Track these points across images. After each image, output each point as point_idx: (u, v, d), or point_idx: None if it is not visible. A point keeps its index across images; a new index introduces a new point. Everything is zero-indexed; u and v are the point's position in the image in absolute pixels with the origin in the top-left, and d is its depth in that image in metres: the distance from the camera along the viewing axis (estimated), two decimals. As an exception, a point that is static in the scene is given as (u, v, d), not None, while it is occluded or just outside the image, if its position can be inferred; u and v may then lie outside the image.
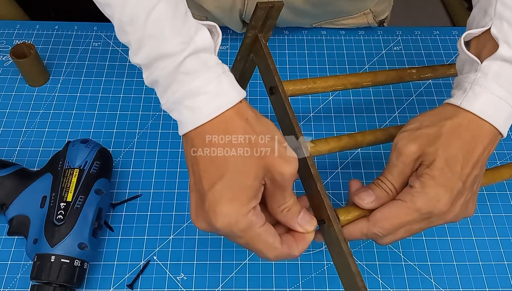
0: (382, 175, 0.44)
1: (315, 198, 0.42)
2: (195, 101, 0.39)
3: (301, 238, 0.41)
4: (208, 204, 0.38)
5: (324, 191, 0.42)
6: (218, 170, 0.38)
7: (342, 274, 0.42)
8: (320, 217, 0.42)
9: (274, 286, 0.52)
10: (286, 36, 0.74)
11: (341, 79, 0.51)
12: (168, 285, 0.52)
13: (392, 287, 0.52)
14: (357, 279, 0.39)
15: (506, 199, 0.59)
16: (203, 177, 0.38)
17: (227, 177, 0.37)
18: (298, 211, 0.41)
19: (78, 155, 0.53)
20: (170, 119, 0.64)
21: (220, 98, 0.39)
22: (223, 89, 0.39)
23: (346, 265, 0.40)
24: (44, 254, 0.48)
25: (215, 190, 0.37)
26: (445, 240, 0.56)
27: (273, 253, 0.40)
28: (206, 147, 0.38)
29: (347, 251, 0.40)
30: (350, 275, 0.40)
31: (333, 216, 0.41)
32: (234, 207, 0.37)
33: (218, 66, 0.40)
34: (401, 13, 1.70)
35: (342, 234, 0.41)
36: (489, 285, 0.53)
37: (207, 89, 0.39)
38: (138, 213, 0.56)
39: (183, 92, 0.39)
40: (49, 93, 0.66)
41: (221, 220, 0.37)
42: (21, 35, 0.72)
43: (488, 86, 0.42)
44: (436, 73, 0.56)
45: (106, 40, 0.72)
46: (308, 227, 0.41)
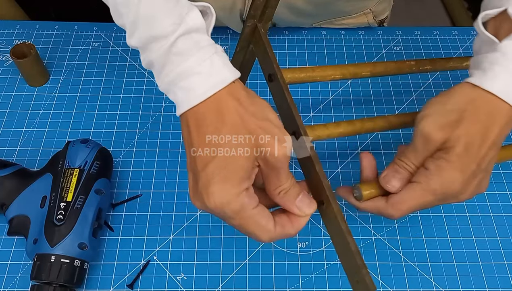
0: (405, 156, 0.45)
1: (314, 180, 0.42)
2: (188, 82, 0.39)
3: (296, 218, 0.41)
4: (201, 184, 0.38)
5: (323, 172, 0.41)
6: (210, 151, 0.38)
7: (341, 254, 0.41)
8: (319, 198, 0.42)
9: (274, 286, 0.52)
10: (286, 36, 0.74)
11: (340, 69, 0.51)
12: (168, 285, 0.52)
13: (392, 287, 0.52)
14: (357, 258, 0.39)
15: (506, 199, 0.59)
16: (197, 157, 0.38)
17: (219, 158, 0.37)
18: (296, 194, 0.40)
19: (78, 155, 0.53)
20: (170, 119, 0.64)
21: (212, 78, 0.39)
22: (215, 69, 0.39)
23: (346, 244, 0.40)
24: (44, 254, 0.48)
25: (207, 170, 0.37)
26: (445, 240, 0.56)
27: (266, 235, 0.40)
28: (199, 127, 0.38)
29: (346, 230, 0.40)
30: (349, 255, 0.40)
31: (332, 196, 0.40)
32: (226, 187, 0.37)
33: (210, 46, 0.40)
34: (401, 13, 1.70)
35: (341, 214, 0.40)
36: (489, 285, 0.53)
37: (199, 69, 0.39)
38: (138, 213, 0.56)
39: (176, 74, 0.39)
40: (49, 93, 0.66)
41: (212, 201, 0.37)
42: (21, 35, 0.72)
43: (508, 66, 0.42)
44: (435, 66, 0.56)
45: (106, 40, 0.72)
46: (306, 209, 0.41)
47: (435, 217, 0.57)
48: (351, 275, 0.41)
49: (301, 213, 0.40)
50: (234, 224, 0.39)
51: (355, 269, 0.39)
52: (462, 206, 0.58)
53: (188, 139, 0.40)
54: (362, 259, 0.39)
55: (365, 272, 0.39)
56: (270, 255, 0.54)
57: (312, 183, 0.43)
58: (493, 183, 0.60)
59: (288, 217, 0.41)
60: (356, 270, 0.39)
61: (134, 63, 0.69)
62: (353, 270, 0.40)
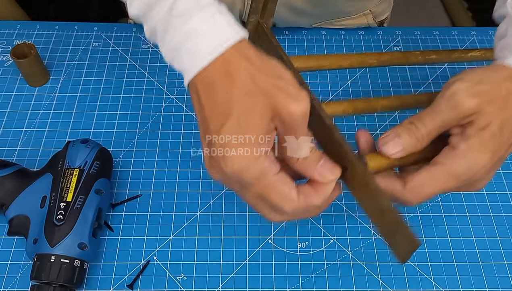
0: (418, 119, 0.40)
1: (333, 148, 0.39)
2: (192, 45, 0.36)
3: (319, 186, 0.38)
4: (218, 150, 0.35)
5: (342, 138, 0.38)
6: (223, 113, 0.35)
7: (375, 215, 0.38)
8: (342, 165, 0.38)
9: (274, 286, 0.52)
10: (286, 36, 0.74)
11: (347, 57, 0.51)
12: (168, 285, 0.52)
13: (392, 287, 0.52)
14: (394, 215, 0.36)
15: (506, 199, 0.59)
16: (210, 122, 0.36)
17: (233, 118, 0.35)
18: (317, 159, 0.37)
19: (78, 155, 0.53)
20: (170, 119, 0.64)
21: (216, 38, 0.36)
22: (219, 28, 0.37)
23: (379, 203, 0.37)
24: (44, 254, 0.48)
25: (222, 133, 0.35)
26: (445, 240, 0.56)
27: (289, 205, 0.36)
28: (209, 92, 0.36)
29: (378, 188, 0.37)
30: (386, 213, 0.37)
31: (356, 158, 0.38)
32: (244, 150, 0.35)
33: (212, 5, 0.37)
34: (401, 13, 1.70)
35: (369, 173, 0.37)
36: (489, 285, 0.53)
37: (202, 30, 0.36)
38: (138, 213, 0.56)
39: (179, 38, 0.37)
40: (49, 93, 0.66)
41: (230, 165, 0.35)
42: (21, 35, 0.72)
43: None
44: (441, 56, 0.56)
45: (106, 40, 0.72)
46: (329, 175, 0.37)
47: (435, 217, 0.57)
48: (389, 236, 0.38)
49: (323, 179, 0.37)
50: (253, 194, 0.37)
51: (395, 226, 0.36)
52: (462, 206, 0.58)
53: (199, 106, 0.37)
54: (400, 215, 0.36)
55: (406, 228, 0.36)
56: (270, 255, 0.54)
57: (331, 152, 0.39)
58: (493, 183, 0.60)
59: (311, 186, 0.38)
60: (396, 227, 0.36)
61: (134, 63, 0.69)
62: (392, 228, 0.37)
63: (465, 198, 0.59)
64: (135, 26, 0.74)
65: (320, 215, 0.56)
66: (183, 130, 0.63)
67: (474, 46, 0.73)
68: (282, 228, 0.56)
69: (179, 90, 0.67)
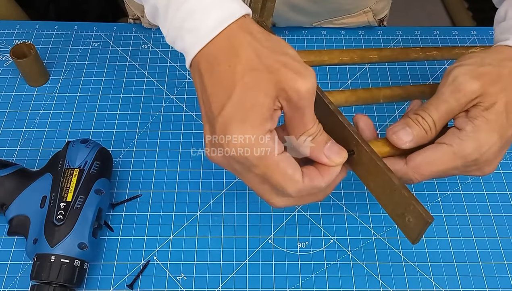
0: (423, 110, 0.39)
1: (338, 133, 0.38)
2: (193, 21, 0.35)
3: (325, 169, 0.37)
4: (219, 129, 0.34)
5: (347, 120, 0.38)
6: (226, 91, 0.34)
7: (384, 195, 0.38)
8: (348, 149, 0.38)
9: (274, 286, 0.52)
10: (286, 36, 0.74)
11: (348, 52, 0.50)
12: (168, 285, 0.52)
13: (392, 287, 0.52)
14: (404, 191, 0.35)
15: (506, 199, 0.59)
16: (212, 101, 0.35)
17: (235, 95, 0.33)
18: (324, 141, 0.36)
19: (78, 155, 0.53)
20: (170, 119, 0.64)
21: (218, 13, 0.35)
22: (223, 3, 0.35)
23: (388, 181, 0.36)
24: (44, 254, 0.48)
25: (224, 113, 0.34)
26: (445, 240, 0.56)
27: (293, 187, 0.35)
28: (212, 68, 0.35)
29: (386, 167, 0.36)
30: (395, 191, 0.36)
31: (362, 139, 0.37)
32: (247, 128, 0.33)
33: None
34: (401, 13, 1.70)
35: (376, 153, 0.37)
36: (489, 285, 0.53)
37: (203, 5, 0.35)
38: (138, 213, 0.56)
39: (182, 14, 0.36)
40: (49, 93, 0.66)
41: (233, 144, 0.33)
42: (21, 35, 0.72)
43: None
44: (442, 52, 0.56)
45: (106, 40, 0.72)
46: (336, 158, 0.36)
47: (435, 217, 0.57)
48: (399, 216, 0.37)
49: (330, 162, 0.36)
50: (256, 176, 0.36)
51: (404, 205, 0.36)
52: (462, 206, 0.58)
53: (201, 85, 0.36)
54: (409, 191, 0.35)
55: (416, 203, 0.35)
56: (270, 255, 0.54)
57: (336, 138, 0.39)
58: (493, 183, 0.60)
59: (316, 168, 0.37)
60: (405, 205, 0.36)
61: (134, 63, 0.69)
62: (402, 206, 0.36)
63: (465, 198, 0.59)
64: (135, 26, 0.74)
65: (320, 215, 0.56)
66: (183, 130, 0.63)
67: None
68: (282, 228, 0.56)
69: (179, 90, 0.67)
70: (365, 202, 0.57)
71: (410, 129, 0.39)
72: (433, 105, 0.39)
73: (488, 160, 0.38)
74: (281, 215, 0.57)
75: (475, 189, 0.59)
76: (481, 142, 0.37)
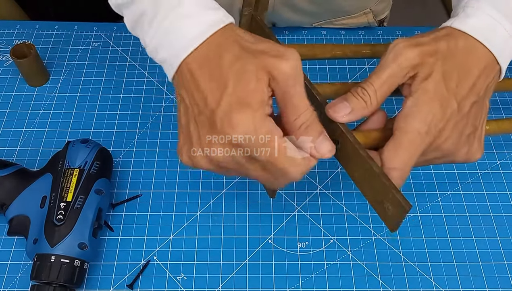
0: (365, 81, 0.40)
1: (325, 123, 0.39)
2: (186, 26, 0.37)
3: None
4: (221, 120, 0.35)
5: None
6: (219, 84, 0.36)
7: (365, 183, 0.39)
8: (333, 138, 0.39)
9: (274, 286, 0.52)
10: (286, 36, 0.74)
11: (340, 47, 0.51)
12: (168, 285, 0.52)
13: (392, 287, 0.52)
14: (383, 179, 0.36)
15: (506, 199, 0.59)
16: (207, 96, 0.36)
17: (230, 85, 0.35)
18: (319, 131, 0.38)
19: (78, 155, 0.53)
20: (170, 119, 0.64)
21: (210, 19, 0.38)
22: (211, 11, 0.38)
23: (369, 169, 0.37)
24: (44, 254, 0.48)
25: (223, 102, 0.35)
26: (445, 240, 0.56)
27: (297, 169, 0.37)
28: (203, 64, 0.37)
29: (367, 156, 0.38)
30: (375, 179, 0.37)
31: (346, 129, 0.39)
32: (248, 112, 0.35)
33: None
34: (401, 13, 1.70)
35: (360, 143, 0.38)
36: (489, 285, 0.53)
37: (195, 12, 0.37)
38: (138, 213, 0.56)
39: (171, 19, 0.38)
40: (49, 93, 0.66)
41: (237, 130, 0.34)
42: (21, 35, 0.72)
43: (481, 7, 0.41)
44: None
45: (106, 40, 0.72)
46: (325, 151, 0.38)
47: (435, 217, 0.57)
48: (379, 203, 0.38)
49: (319, 155, 0.38)
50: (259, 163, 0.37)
51: (384, 193, 0.37)
52: (462, 206, 0.58)
53: (194, 84, 0.37)
54: (389, 179, 0.36)
55: (395, 192, 0.36)
56: (270, 255, 0.54)
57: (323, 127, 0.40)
58: (493, 183, 0.60)
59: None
60: (385, 193, 0.37)
61: (134, 63, 0.69)
62: (381, 194, 0.37)
63: (465, 198, 0.59)
64: (135, 26, 0.74)
65: (320, 215, 0.57)
66: (183, 130, 0.63)
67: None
68: (282, 228, 0.56)
69: (179, 90, 0.67)
70: (365, 202, 0.57)
71: (347, 102, 0.40)
72: (375, 73, 0.40)
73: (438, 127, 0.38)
74: (281, 215, 0.57)
75: (475, 189, 0.60)
76: (424, 113, 0.38)
